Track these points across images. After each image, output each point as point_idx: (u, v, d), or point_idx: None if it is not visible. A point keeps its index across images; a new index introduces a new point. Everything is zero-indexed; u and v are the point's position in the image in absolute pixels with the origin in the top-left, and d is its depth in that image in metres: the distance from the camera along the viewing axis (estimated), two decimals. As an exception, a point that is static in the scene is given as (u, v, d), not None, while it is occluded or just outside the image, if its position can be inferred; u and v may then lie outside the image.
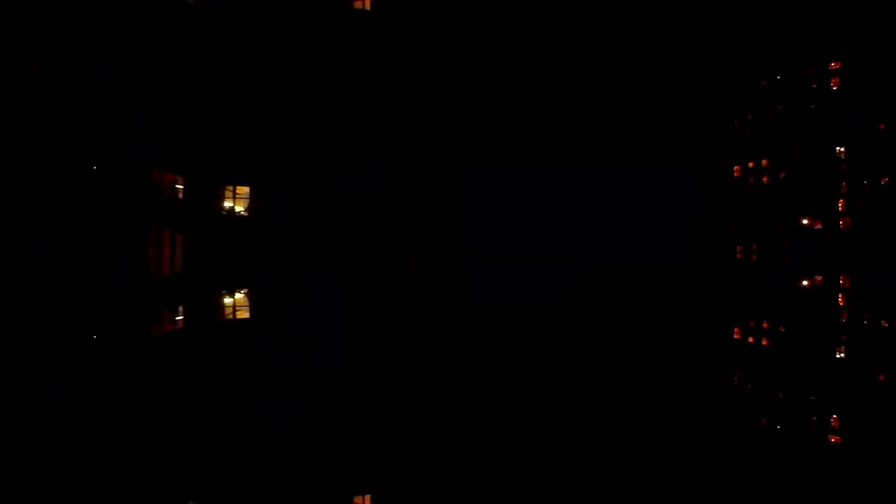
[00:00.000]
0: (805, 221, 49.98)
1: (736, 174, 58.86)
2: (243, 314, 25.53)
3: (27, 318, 15.52)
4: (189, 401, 23.02)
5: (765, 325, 55.11)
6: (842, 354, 47.92)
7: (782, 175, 53.79)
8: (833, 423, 47.00)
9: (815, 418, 48.01)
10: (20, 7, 14.97)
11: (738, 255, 58.17)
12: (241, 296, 25.36)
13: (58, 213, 16.65)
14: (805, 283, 50.78)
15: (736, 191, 58.32)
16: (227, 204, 25.36)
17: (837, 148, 49.21)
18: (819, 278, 49.74)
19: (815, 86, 50.81)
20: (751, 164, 58.58)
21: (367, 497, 30.46)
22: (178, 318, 22.38)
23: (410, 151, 44.26)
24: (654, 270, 61.33)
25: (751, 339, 56.03)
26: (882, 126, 46.24)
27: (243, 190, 25.88)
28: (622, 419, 54.58)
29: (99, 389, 18.12)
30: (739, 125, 59.14)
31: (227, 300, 25.28)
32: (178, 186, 22.41)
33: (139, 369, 20.09)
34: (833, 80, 49.52)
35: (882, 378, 45.20)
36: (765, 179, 56.17)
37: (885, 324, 45.08)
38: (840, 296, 49.08)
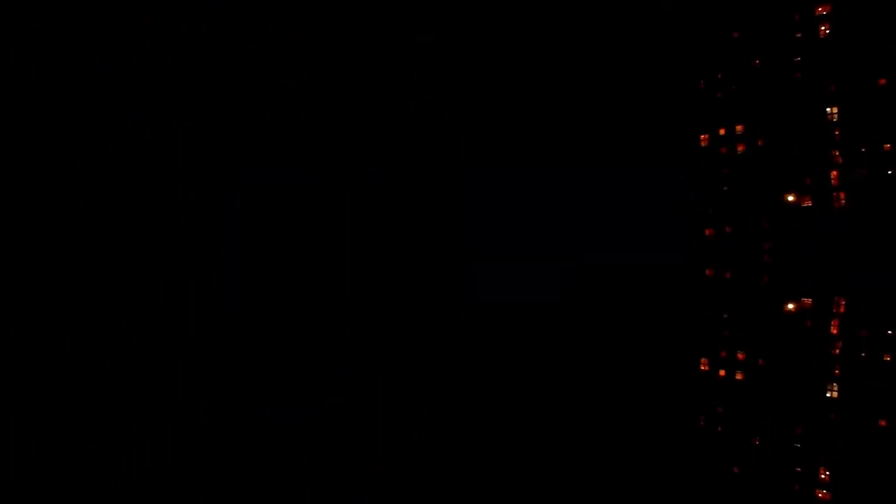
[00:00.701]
0: (791, 199, 40.82)
1: (703, 143, 47.52)
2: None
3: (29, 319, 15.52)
4: (189, 401, 23.02)
5: (740, 356, 44.75)
6: (834, 394, 38.90)
7: (760, 143, 43.35)
8: (822, 477, 39.04)
9: (799, 469, 40.32)
10: (20, 7, 14.97)
11: (709, 272, 47.19)
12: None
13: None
14: (791, 306, 40.95)
15: (712, 174, 48.12)
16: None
17: (828, 109, 39.54)
18: (808, 301, 40.03)
19: (799, 36, 40.99)
20: (722, 132, 46.19)
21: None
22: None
23: (410, 151, 44.26)
24: (654, 270, 61.38)
25: (722, 373, 46.03)
26: (883, 81, 36.87)
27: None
28: (622, 419, 54.71)
29: (99, 389, 18.12)
30: (707, 85, 47.37)
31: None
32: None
33: (139, 369, 20.10)
34: (822, 28, 39.97)
35: (883, 423, 36.36)
36: (740, 148, 44.86)
37: (887, 358, 36.13)
38: (833, 322, 39.06)
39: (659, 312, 58.51)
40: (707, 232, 47.95)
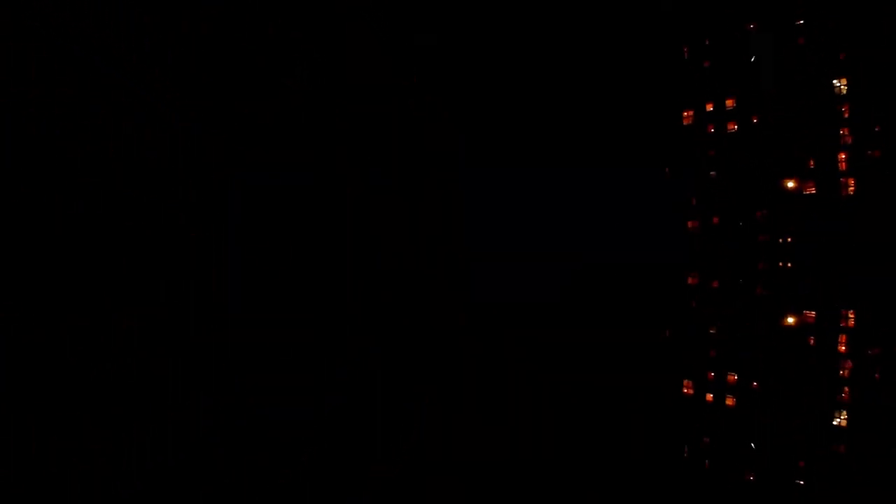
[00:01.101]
0: (791, 185, 34.75)
1: (687, 122, 41.07)
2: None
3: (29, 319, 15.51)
4: (189, 401, 23.01)
5: (731, 378, 38.28)
6: (842, 420, 33.62)
7: (755, 119, 36.82)
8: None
9: None
10: (20, 7, 14.96)
11: (691, 280, 40.05)
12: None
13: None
14: (791, 320, 35.29)
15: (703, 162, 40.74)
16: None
17: (836, 81, 33.29)
18: (812, 314, 33.67)
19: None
20: (709, 107, 39.71)
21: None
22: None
23: (410, 151, 44.26)
24: (654, 270, 61.29)
25: (710, 397, 39.44)
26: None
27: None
28: (622, 419, 54.70)
29: (99, 389, 18.12)
30: (691, 53, 40.85)
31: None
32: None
33: (139, 369, 20.09)
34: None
35: None
36: (730, 126, 38.33)
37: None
38: (842, 338, 32.92)
39: (659, 312, 58.48)
40: (690, 225, 40.73)
